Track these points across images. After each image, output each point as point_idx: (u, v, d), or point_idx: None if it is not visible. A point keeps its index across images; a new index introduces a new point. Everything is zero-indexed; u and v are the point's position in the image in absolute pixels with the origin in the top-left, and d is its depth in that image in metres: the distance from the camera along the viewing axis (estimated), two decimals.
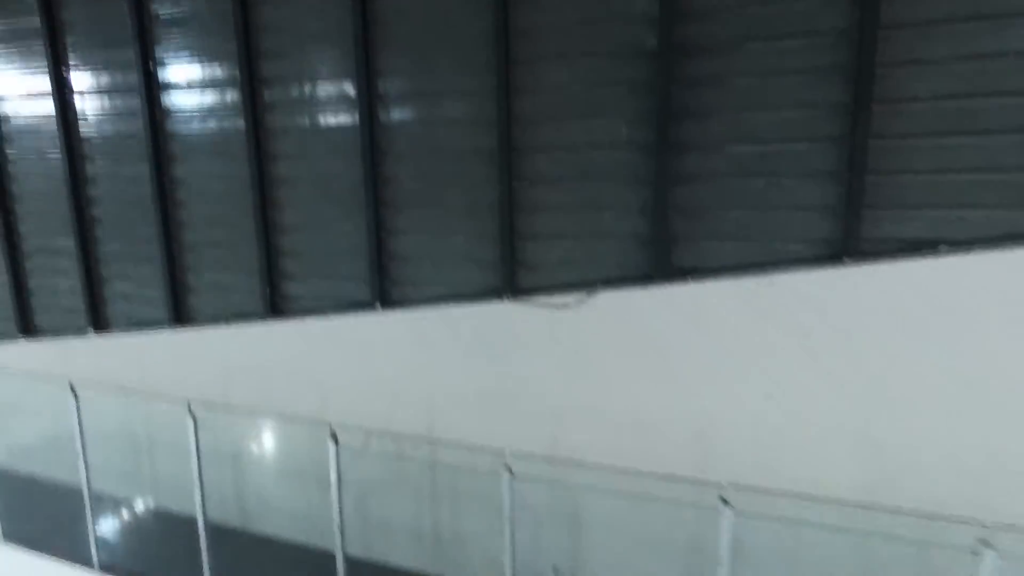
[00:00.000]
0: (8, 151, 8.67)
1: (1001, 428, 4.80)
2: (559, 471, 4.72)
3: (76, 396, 4.51)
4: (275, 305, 7.43)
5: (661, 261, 5.65)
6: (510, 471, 3.63)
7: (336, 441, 5.81)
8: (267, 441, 7.47)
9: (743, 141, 5.31)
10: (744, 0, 5.06)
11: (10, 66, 8.36)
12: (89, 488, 4.73)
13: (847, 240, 5.09)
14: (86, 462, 4.66)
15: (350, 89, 6.50)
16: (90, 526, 4.75)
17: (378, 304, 6.84)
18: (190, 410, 6.23)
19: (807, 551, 4.35)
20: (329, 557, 5.73)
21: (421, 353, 7.14)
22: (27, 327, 8.93)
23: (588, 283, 5.88)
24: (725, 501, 3.22)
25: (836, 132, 5.05)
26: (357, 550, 6.36)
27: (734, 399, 5.27)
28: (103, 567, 4.80)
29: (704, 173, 5.45)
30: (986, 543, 2.88)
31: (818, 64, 5.00)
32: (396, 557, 6.78)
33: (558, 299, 5.93)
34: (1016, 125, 4.57)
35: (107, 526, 6.80)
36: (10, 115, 8.54)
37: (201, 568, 5.48)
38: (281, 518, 7.43)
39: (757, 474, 4.56)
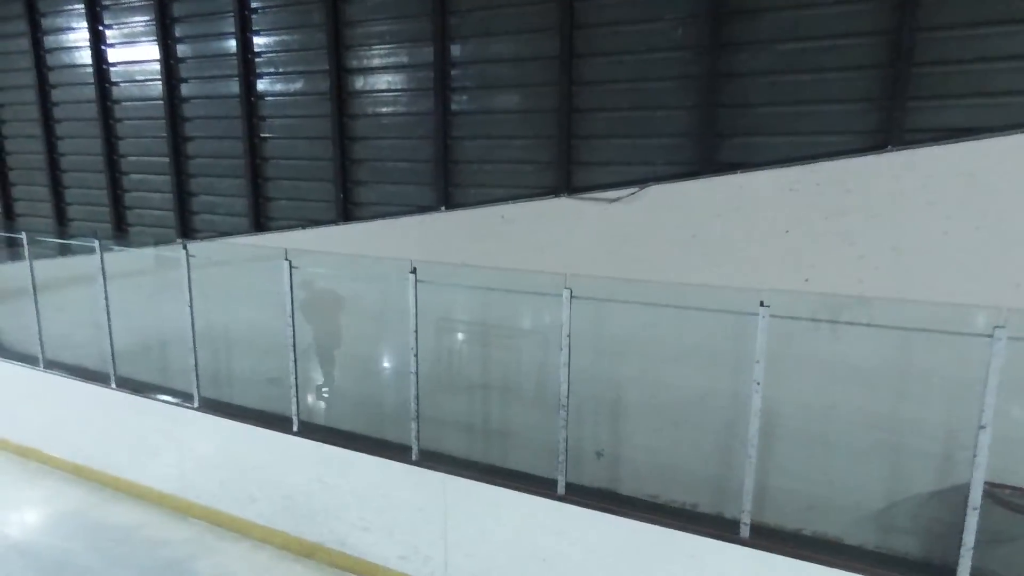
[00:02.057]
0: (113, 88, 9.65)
1: None
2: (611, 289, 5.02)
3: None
4: (347, 211, 8.10)
5: (709, 156, 6.03)
6: (570, 292, 4.08)
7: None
8: None
9: (791, 39, 5.62)
10: None
11: (119, 20, 9.30)
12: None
13: (891, 130, 5.36)
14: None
15: (425, 28, 7.08)
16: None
17: (443, 207, 7.41)
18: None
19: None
20: None
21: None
22: (121, 229, 9.90)
23: (639, 179, 6.30)
24: (763, 303, 3.61)
25: (882, 27, 5.31)
26: None
27: (774, 282, 5.58)
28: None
29: (753, 70, 5.78)
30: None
31: None
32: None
33: (610, 194, 6.37)
34: None
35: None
36: (115, 60, 9.51)
37: None
38: None
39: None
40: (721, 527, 4.11)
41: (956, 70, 5.17)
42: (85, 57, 9.66)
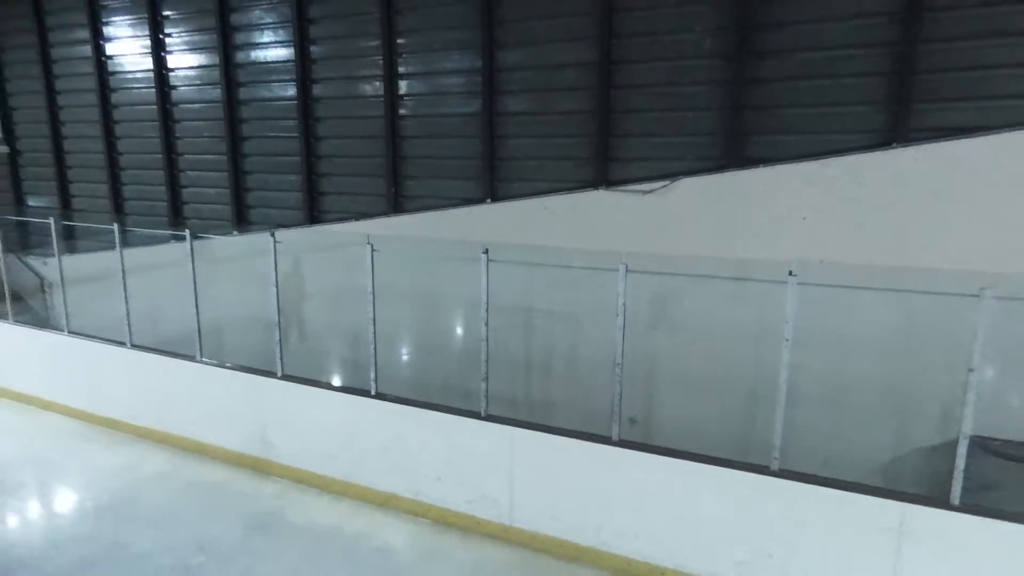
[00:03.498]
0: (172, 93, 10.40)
1: None
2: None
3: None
4: (398, 204, 8.85)
5: (736, 152, 6.77)
6: (626, 266, 4.82)
7: None
8: None
9: (811, 48, 6.36)
10: None
11: (179, 29, 10.06)
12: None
13: (898, 129, 6.11)
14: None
15: (475, 36, 7.83)
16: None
17: (488, 199, 8.16)
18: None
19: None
20: None
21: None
22: (177, 220, 10.65)
23: (671, 173, 7.05)
24: (792, 273, 4.35)
25: (891, 38, 6.06)
26: None
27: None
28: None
29: (776, 76, 6.53)
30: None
31: None
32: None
33: (645, 186, 7.11)
34: None
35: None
36: (175, 66, 10.26)
37: None
38: None
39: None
40: (752, 468, 4.85)
41: (954, 77, 5.91)
42: (146, 63, 10.41)
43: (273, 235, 6.55)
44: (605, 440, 5.24)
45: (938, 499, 4.37)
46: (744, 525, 4.86)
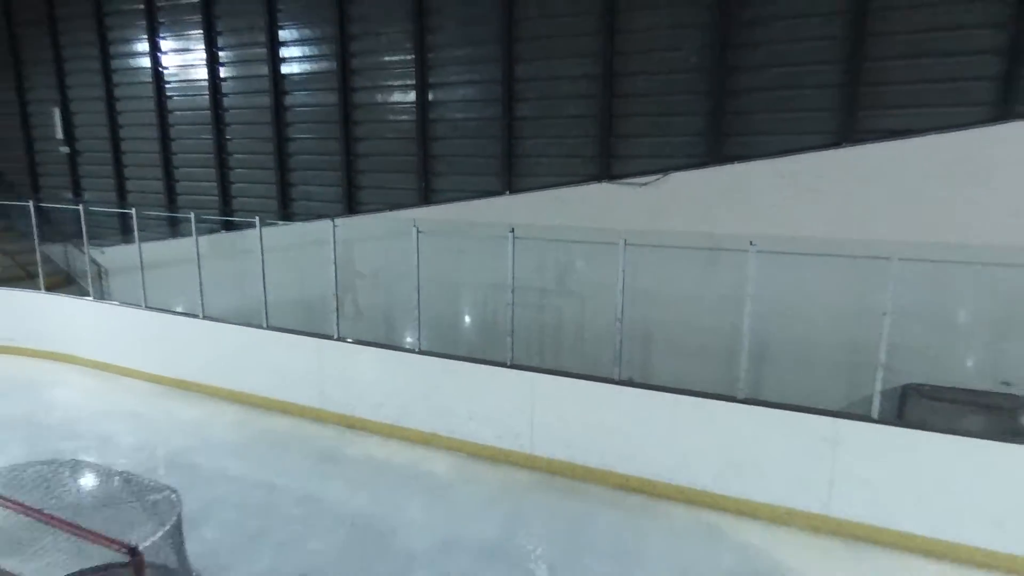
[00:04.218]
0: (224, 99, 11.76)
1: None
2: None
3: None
4: (427, 196, 10.18)
5: (717, 151, 8.10)
6: (624, 241, 6.16)
7: None
8: None
9: (779, 64, 7.69)
10: None
11: (232, 42, 11.40)
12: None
13: (845, 131, 7.44)
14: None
15: (496, 51, 9.17)
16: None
17: (507, 191, 9.50)
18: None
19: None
20: None
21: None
22: (228, 211, 11.98)
23: (663, 169, 8.38)
24: (752, 243, 5.65)
25: (842, 56, 7.39)
26: None
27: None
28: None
29: (751, 87, 7.86)
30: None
31: (830, 10, 7.35)
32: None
33: (640, 179, 8.43)
34: (954, 50, 6.87)
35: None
36: (227, 75, 11.62)
37: None
38: None
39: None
40: (722, 397, 6.17)
41: (894, 89, 7.25)
42: (200, 73, 11.75)
43: (333, 221, 7.90)
44: (608, 380, 6.58)
45: (863, 415, 5.70)
46: (718, 443, 6.20)
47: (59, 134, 13.58)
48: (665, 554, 5.63)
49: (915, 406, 7.31)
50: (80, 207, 10.51)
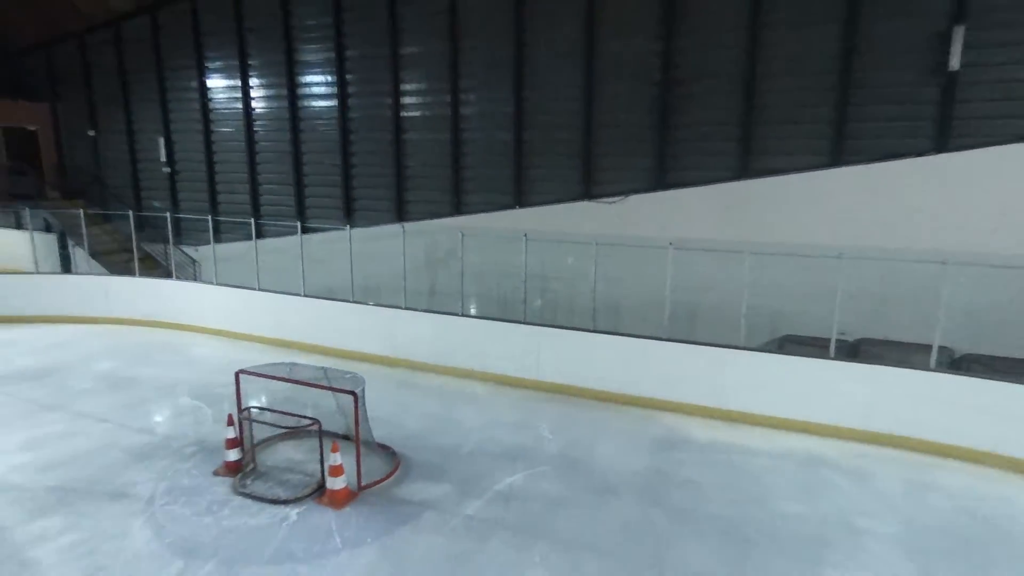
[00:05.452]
0: (301, 129, 15.56)
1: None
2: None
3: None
4: (459, 207, 14.00)
5: (661, 179, 11.96)
6: (596, 243, 9.99)
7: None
8: None
9: (702, 124, 11.55)
10: (705, 57, 11.32)
11: (307, 80, 15.19)
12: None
13: (746, 168, 11.30)
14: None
15: (508, 94, 13.01)
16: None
17: (516, 205, 13.33)
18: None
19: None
20: None
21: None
22: (303, 219, 15.74)
23: (625, 191, 12.21)
24: (671, 244, 9.45)
25: (739, 117, 11.24)
26: None
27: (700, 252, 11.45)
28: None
29: (687, 137, 11.72)
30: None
31: (728, 89, 11.20)
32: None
33: (609, 199, 12.25)
34: (812, 102, 10.73)
35: None
36: (302, 106, 15.41)
37: None
38: None
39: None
40: (656, 338, 9.99)
41: (773, 131, 11.11)
42: (282, 105, 15.54)
43: (403, 226, 11.71)
44: (588, 330, 10.41)
45: (745, 346, 9.54)
46: (654, 367, 10.03)
47: (163, 157, 17.31)
48: (622, 429, 9.46)
49: (792, 351, 11.20)
50: (167, 214, 14.23)
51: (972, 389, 8.25)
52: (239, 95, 15.98)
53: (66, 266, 18.70)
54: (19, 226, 19.50)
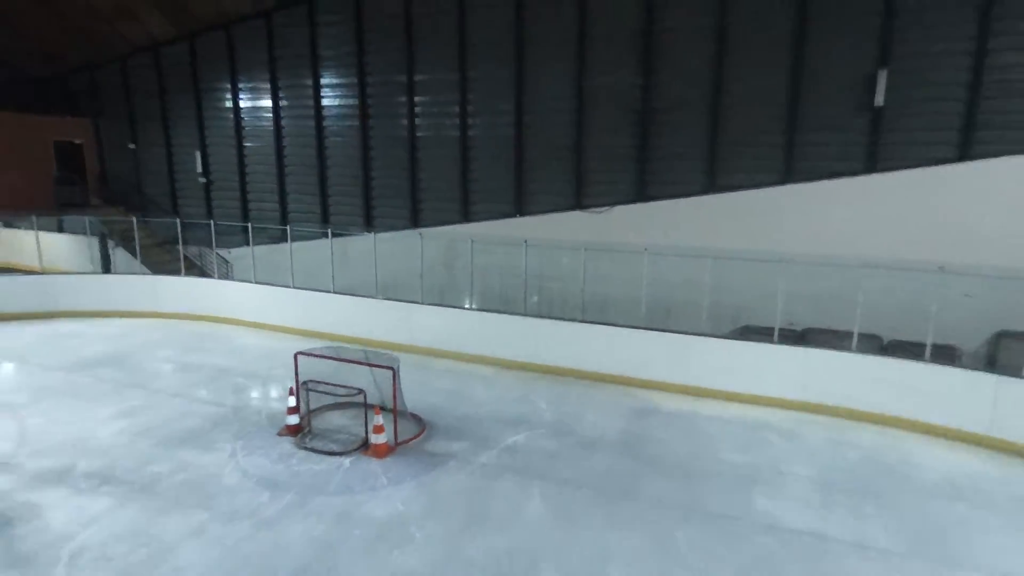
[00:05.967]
0: (326, 143, 17.55)
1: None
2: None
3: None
4: (467, 215, 16.02)
5: (642, 192, 13.99)
6: (584, 248, 11.99)
7: None
8: None
9: (676, 146, 13.58)
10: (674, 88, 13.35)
11: (333, 94, 17.18)
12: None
13: (712, 183, 13.34)
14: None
15: (510, 119, 15.03)
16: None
17: (517, 214, 15.35)
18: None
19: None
20: None
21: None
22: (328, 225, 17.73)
23: (611, 202, 14.22)
24: (645, 249, 11.45)
25: (707, 141, 13.27)
26: None
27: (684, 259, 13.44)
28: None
29: (663, 156, 13.74)
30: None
31: (697, 117, 13.22)
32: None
33: (597, 209, 14.24)
34: (766, 129, 12.76)
35: None
36: (326, 125, 17.40)
37: None
38: None
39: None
40: (634, 327, 12.00)
41: (739, 150, 13.16)
42: (308, 119, 17.51)
43: (420, 232, 13.72)
44: (577, 321, 12.44)
45: (707, 333, 11.57)
46: (636, 352, 12.06)
47: (199, 168, 19.27)
48: (604, 401, 11.48)
49: (745, 333, 13.26)
50: (211, 222, 16.20)
51: (883, 367, 10.31)
52: (269, 114, 17.93)
53: (106, 266, 20.67)
54: (60, 230, 21.48)
